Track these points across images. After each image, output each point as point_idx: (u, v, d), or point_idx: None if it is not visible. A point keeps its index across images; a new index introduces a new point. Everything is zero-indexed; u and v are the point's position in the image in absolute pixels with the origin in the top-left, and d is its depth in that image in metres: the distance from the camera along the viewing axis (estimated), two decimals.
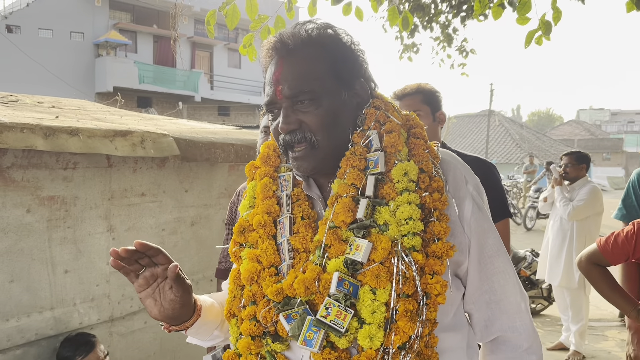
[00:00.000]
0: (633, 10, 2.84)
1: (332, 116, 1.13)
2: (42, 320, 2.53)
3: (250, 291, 1.15)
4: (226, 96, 26.99)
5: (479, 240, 1.16)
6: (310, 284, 1.05)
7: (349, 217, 1.08)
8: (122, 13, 24.95)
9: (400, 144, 1.14)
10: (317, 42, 1.15)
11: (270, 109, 1.18)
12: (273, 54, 1.18)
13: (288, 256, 1.14)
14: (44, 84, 19.89)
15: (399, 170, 1.10)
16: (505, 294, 1.18)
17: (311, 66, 1.13)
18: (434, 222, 1.08)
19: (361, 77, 1.20)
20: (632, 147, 47.57)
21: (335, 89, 1.14)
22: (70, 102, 3.88)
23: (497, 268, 1.17)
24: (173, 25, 4.25)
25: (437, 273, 1.07)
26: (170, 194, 3.14)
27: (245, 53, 2.97)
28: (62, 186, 2.60)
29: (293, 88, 1.11)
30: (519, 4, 2.77)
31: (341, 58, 1.16)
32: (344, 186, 1.11)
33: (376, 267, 1.04)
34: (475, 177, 1.21)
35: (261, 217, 1.20)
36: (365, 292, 1.03)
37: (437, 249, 1.07)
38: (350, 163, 1.12)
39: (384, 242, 1.04)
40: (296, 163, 1.16)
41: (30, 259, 2.49)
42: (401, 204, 1.07)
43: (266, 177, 1.26)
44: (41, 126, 2.33)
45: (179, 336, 3.50)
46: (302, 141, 1.13)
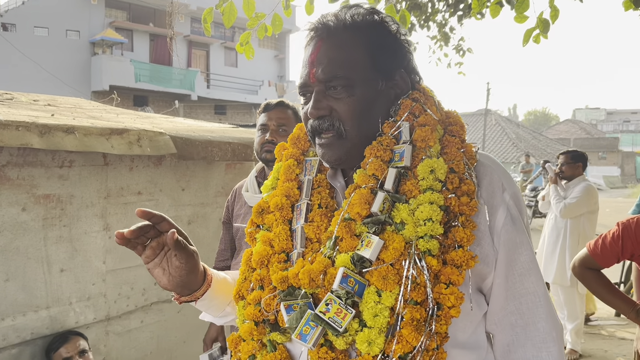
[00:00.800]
0: (631, 9, 2.84)
1: (365, 106, 1.08)
2: (37, 319, 2.52)
3: (259, 275, 1.12)
4: (223, 95, 26.96)
5: (509, 255, 1.06)
6: (316, 276, 1.00)
7: (364, 209, 1.01)
8: (118, 11, 24.88)
9: (432, 140, 1.06)
10: (360, 28, 1.10)
11: (303, 91, 1.13)
12: (313, 34, 1.12)
13: (300, 244, 1.10)
14: (40, 82, 19.83)
15: (425, 167, 1.03)
16: (533, 318, 1.06)
17: (349, 52, 1.08)
18: (457, 228, 1.00)
19: (403, 68, 1.13)
20: (627, 146, 47.72)
21: (372, 78, 1.08)
22: (66, 101, 3.87)
23: (528, 288, 1.07)
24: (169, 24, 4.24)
25: (454, 283, 0.98)
26: (166, 193, 3.13)
27: (242, 51, 2.96)
28: (58, 184, 2.58)
29: (327, 72, 1.06)
30: (516, 2, 2.76)
31: (383, 46, 1.10)
32: (364, 176, 1.05)
33: (385, 267, 0.97)
34: (515, 186, 1.11)
35: (279, 199, 1.16)
36: (370, 293, 0.96)
37: (456, 257, 0.99)
38: (374, 153, 1.06)
39: (396, 241, 0.97)
40: (321, 151, 1.11)
41: (25, 258, 2.47)
42: (422, 203, 1.00)
43: (291, 159, 1.21)
44: (37, 124, 2.32)
45: (176, 336, 3.49)
46: (329, 129, 1.08)
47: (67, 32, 23.12)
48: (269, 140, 2.36)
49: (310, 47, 1.11)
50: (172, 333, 3.20)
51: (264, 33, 2.86)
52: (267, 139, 2.36)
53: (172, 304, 3.20)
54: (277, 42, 29.60)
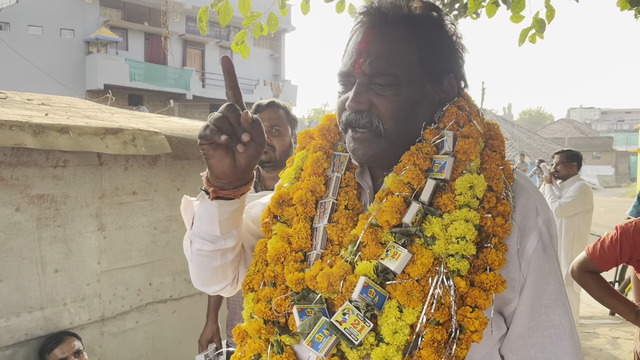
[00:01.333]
0: (627, 9, 2.85)
1: (408, 108, 1.00)
2: (31, 320, 2.50)
3: (272, 271, 1.06)
4: (218, 94, 26.89)
5: (537, 284, 1.00)
6: (335, 280, 0.95)
7: (395, 218, 0.95)
8: (113, 10, 24.80)
9: (474, 153, 1.00)
10: (416, 22, 1.02)
11: (343, 80, 1.05)
12: (364, 19, 1.03)
13: (320, 245, 1.03)
14: (34, 81, 19.74)
15: (465, 182, 0.97)
16: (555, 352, 1.00)
17: (402, 47, 1.00)
18: (489, 249, 0.94)
19: (452, 73, 1.06)
20: (621, 145, 47.94)
21: (420, 80, 1.01)
22: (60, 100, 3.84)
23: (553, 321, 1.00)
24: (164, 23, 4.22)
25: (479, 307, 0.93)
26: (162, 193, 3.12)
27: (238, 50, 2.95)
28: (52, 184, 2.56)
29: (375, 66, 0.99)
30: (512, 2, 2.76)
31: (437, 47, 1.03)
32: (398, 183, 0.99)
33: (410, 282, 0.91)
34: (549, 211, 1.04)
35: (304, 193, 1.08)
36: (391, 308, 0.91)
37: (486, 280, 0.93)
38: (413, 160, 0.99)
39: (425, 256, 0.92)
40: (354, 145, 1.03)
41: (19, 258, 2.46)
42: (457, 219, 0.94)
43: (320, 151, 1.12)
44: (30, 123, 2.30)
45: (171, 336, 3.48)
46: (366, 126, 1.00)
47: (62, 30, 23.01)
48: None
49: (359, 34, 1.03)
50: (168, 334, 3.19)
51: (259, 32, 2.85)
52: None
53: (167, 304, 3.19)
54: (272, 42, 29.58)
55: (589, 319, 5.85)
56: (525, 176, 1.08)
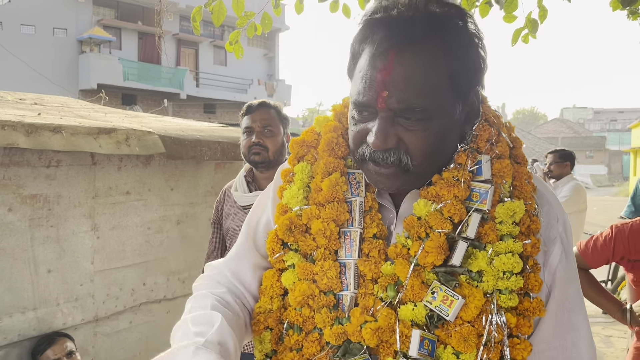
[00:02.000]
0: (618, 9, 2.87)
1: (440, 139, 0.89)
2: (24, 320, 2.49)
3: (300, 315, 0.96)
4: (212, 94, 26.85)
5: (561, 292, 0.96)
6: (384, 334, 0.87)
7: (440, 260, 0.87)
8: (106, 9, 24.69)
9: (508, 175, 0.91)
10: (441, 33, 0.85)
11: (361, 110, 0.90)
12: (380, 34, 0.86)
13: (353, 285, 0.93)
14: (26, 80, 19.63)
15: (507, 211, 0.89)
16: (577, 352, 0.98)
17: (430, 71, 0.84)
18: (528, 274, 0.89)
19: (478, 85, 0.93)
20: (614, 145, 48.24)
21: (450, 104, 0.88)
22: (53, 99, 3.83)
23: (574, 324, 0.98)
24: (158, 22, 4.21)
25: (523, 334, 0.89)
26: (155, 192, 3.11)
27: (232, 50, 2.94)
28: (45, 184, 2.55)
29: (403, 101, 0.84)
30: (505, 2, 2.77)
31: (465, 59, 0.88)
32: (438, 217, 0.89)
33: (466, 328, 0.85)
34: (564, 214, 0.99)
35: (326, 225, 0.94)
36: (448, 356, 0.86)
37: (530, 307, 0.88)
38: (454, 192, 0.89)
39: (477, 298, 0.86)
40: (376, 178, 0.91)
41: (12, 259, 2.44)
42: (502, 252, 0.87)
43: (336, 172, 0.98)
44: (23, 123, 2.29)
45: (165, 336, 3.47)
46: (394, 164, 0.88)
47: (54, 30, 22.89)
48: (255, 143, 2.35)
49: (379, 56, 0.85)
50: (161, 334, 3.18)
51: (253, 32, 2.85)
52: (254, 141, 2.35)
53: (161, 304, 3.18)
54: (266, 41, 29.54)
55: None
56: (540, 180, 1.01)
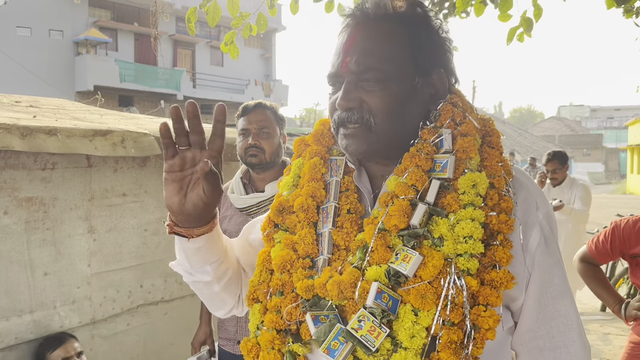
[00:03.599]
0: (613, 7, 2.87)
1: (398, 102, 1.01)
2: (21, 324, 2.49)
3: (280, 280, 1.05)
4: (209, 94, 26.82)
5: (543, 278, 1.01)
6: (346, 288, 0.94)
7: (403, 222, 0.95)
8: (102, 10, 24.65)
9: (473, 151, 1.00)
10: (402, 19, 1.03)
11: (332, 81, 1.06)
12: (349, 21, 1.06)
13: (327, 250, 1.03)
14: (22, 83, 19.58)
15: (468, 181, 0.97)
16: (564, 342, 1.02)
17: (387, 44, 1.01)
18: (496, 247, 0.95)
19: (442, 68, 1.07)
20: (611, 142, 48.33)
21: (408, 74, 1.02)
22: (49, 102, 3.82)
23: (559, 311, 1.02)
24: (154, 23, 4.19)
25: (491, 305, 0.93)
26: (152, 194, 3.10)
27: (227, 51, 2.94)
28: (41, 187, 2.55)
29: (361, 63, 1.00)
30: (500, 0, 2.78)
31: (424, 42, 1.04)
32: (402, 186, 0.99)
33: (423, 285, 0.91)
34: (548, 205, 1.06)
35: (304, 199, 1.07)
36: (406, 313, 0.91)
37: (496, 277, 0.93)
38: (415, 161, 1.00)
39: (436, 258, 0.92)
40: (345, 141, 1.03)
41: (8, 262, 2.44)
42: (463, 218, 0.94)
43: (317, 156, 1.13)
44: (18, 126, 2.28)
45: (163, 338, 3.46)
46: (357, 121, 1.01)
47: (50, 31, 22.85)
48: (252, 144, 2.34)
49: (344, 34, 1.05)
50: (159, 336, 3.18)
51: (248, 33, 2.84)
52: (250, 143, 2.35)
53: (159, 306, 3.18)
54: (263, 41, 29.53)
55: (580, 315, 5.89)
56: (523, 171, 1.09)
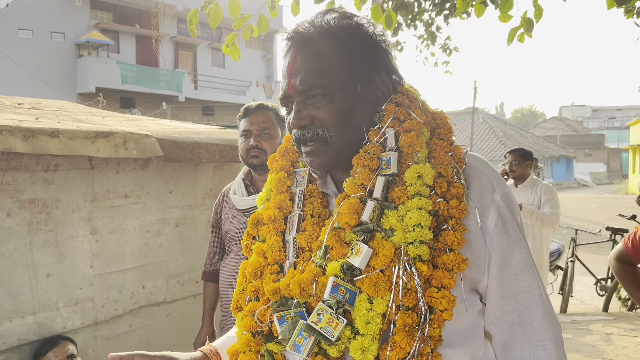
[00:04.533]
0: (614, 7, 2.87)
1: (346, 112, 1.08)
2: (24, 325, 2.49)
3: (253, 286, 1.13)
4: (210, 96, 26.85)
5: (502, 256, 1.05)
6: (306, 285, 1.01)
7: (353, 219, 1.01)
8: (104, 13, 24.68)
9: (418, 145, 1.05)
10: (334, 33, 1.10)
11: (285, 103, 1.14)
12: (289, 44, 1.12)
13: (292, 254, 1.11)
14: (24, 85, 19.62)
15: (413, 173, 1.02)
16: (530, 317, 1.06)
17: (325, 59, 1.08)
18: (447, 231, 1.00)
19: (383, 71, 1.12)
20: (613, 142, 48.25)
21: (350, 84, 1.08)
22: (51, 104, 3.83)
23: (523, 287, 1.06)
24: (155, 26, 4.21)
25: (445, 287, 0.98)
26: (154, 195, 3.11)
27: (229, 52, 2.95)
28: (43, 189, 2.55)
29: (304, 82, 1.07)
30: (501, 1, 2.78)
31: (360, 50, 1.10)
32: (353, 186, 1.05)
33: (375, 275, 0.97)
34: (505, 186, 1.10)
35: (272, 211, 1.17)
36: (361, 301, 0.97)
37: (447, 260, 0.98)
38: (362, 162, 1.06)
39: (386, 248, 0.98)
40: (309, 159, 1.11)
41: (11, 263, 2.45)
42: (410, 209, 0.99)
43: (281, 171, 1.22)
44: (20, 128, 2.29)
45: (165, 339, 3.47)
46: (314, 138, 1.08)
47: (52, 34, 22.88)
48: (253, 146, 2.35)
49: (287, 57, 1.12)
50: (162, 337, 3.19)
51: (249, 34, 2.85)
52: (252, 144, 2.35)
53: (161, 307, 3.19)
54: (264, 43, 29.55)
55: (582, 316, 5.88)
56: (479, 157, 1.13)
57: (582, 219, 14.63)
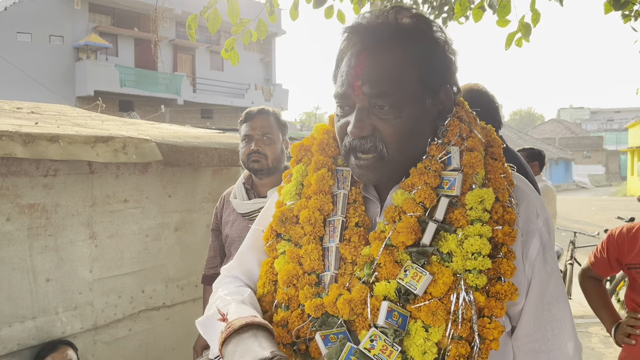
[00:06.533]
0: (611, 12, 2.89)
1: (411, 127, 1.00)
2: (23, 330, 2.49)
3: (285, 294, 1.05)
4: (209, 99, 26.87)
5: (541, 284, 1.03)
6: (357, 306, 0.95)
7: (410, 239, 0.96)
8: (102, 16, 24.70)
9: (479, 166, 1.01)
10: (409, 37, 1.00)
11: (341, 103, 1.03)
12: (354, 40, 1.01)
13: (334, 265, 1.03)
14: (23, 88, 19.63)
15: (475, 197, 0.98)
16: (557, 344, 1.04)
17: (398, 67, 0.99)
18: (501, 260, 0.97)
19: (448, 83, 1.05)
20: (611, 144, 48.34)
21: (419, 96, 1.01)
22: (50, 108, 3.83)
23: (554, 316, 1.04)
24: (153, 29, 4.21)
25: (496, 316, 0.96)
26: (153, 200, 3.11)
27: (228, 57, 2.96)
28: (43, 193, 2.56)
29: (375, 87, 0.97)
30: (498, 6, 2.79)
31: (432, 60, 1.02)
32: (410, 202, 0.99)
33: (434, 303, 0.93)
34: (546, 211, 1.07)
35: (312, 212, 1.07)
36: (417, 329, 0.92)
37: (501, 290, 0.96)
38: (424, 179, 1.00)
39: (446, 275, 0.94)
40: (359, 171, 1.03)
41: (10, 268, 2.45)
42: (471, 235, 0.96)
43: (324, 168, 1.11)
44: (20, 133, 2.29)
45: (165, 344, 3.46)
46: (371, 151, 1.00)
47: (51, 37, 22.89)
48: (255, 150, 2.36)
49: (352, 56, 1.01)
50: (161, 341, 3.18)
51: (249, 39, 2.86)
52: (253, 149, 2.36)
53: (161, 312, 3.18)
54: (263, 46, 29.57)
55: (581, 318, 5.88)
56: (522, 179, 1.10)
57: (580, 221, 14.63)
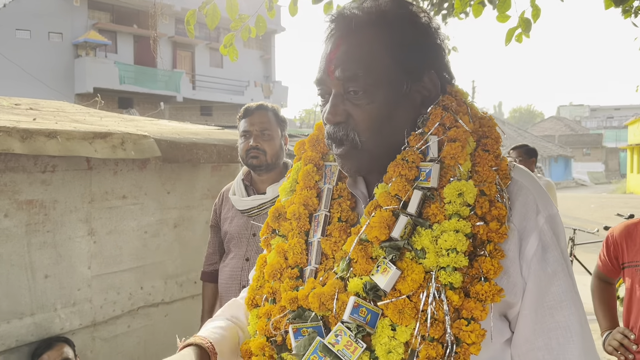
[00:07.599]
0: (611, 7, 2.88)
1: (385, 114, 0.97)
2: (22, 326, 2.49)
3: (271, 288, 1.05)
4: (208, 96, 26.85)
5: (539, 287, 0.94)
6: (327, 300, 0.93)
7: (383, 234, 0.92)
8: (102, 13, 24.66)
9: (462, 157, 0.94)
10: (385, 22, 0.98)
11: (321, 91, 1.02)
12: (333, 28, 1.00)
13: (314, 260, 1.02)
14: (22, 85, 19.58)
15: (453, 190, 0.92)
16: (564, 354, 0.94)
17: (372, 50, 0.96)
18: (484, 258, 0.90)
19: (433, 69, 1.00)
20: (611, 142, 48.32)
21: (396, 80, 0.97)
22: (48, 104, 3.82)
23: (559, 322, 0.94)
24: (152, 26, 4.20)
25: (475, 319, 0.88)
26: (152, 196, 3.11)
27: (226, 53, 2.94)
28: (41, 190, 2.55)
29: (347, 70, 0.95)
30: (498, 1, 2.78)
31: (411, 44, 0.98)
32: (386, 196, 0.95)
33: (402, 300, 0.88)
34: (552, 207, 0.98)
35: (297, 208, 1.07)
36: (384, 327, 0.88)
37: (481, 290, 0.88)
38: (399, 170, 0.95)
39: (416, 272, 0.89)
40: (340, 161, 1.02)
41: (9, 265, 2.44)
42: (446, 230, 0.90)
43: (310, 163, 1.10)
44: (18, 129, 2.29)
45: (164, 340, 3.47)
46: (342, 140, 0.98)
47: (50, 34, 22.86)
48: (253, 146, 2.35)
49: (330, 43, 1.00)
50: (160, 337, 3.18)
51: (247, 35, 2.84)
52: (252, 144, 2.35)
53: (159, 308, 3.18)
54: (262, 43, 29.54)
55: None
56: (525, 172, 1.02)
57: (580, 218, 14.64)
